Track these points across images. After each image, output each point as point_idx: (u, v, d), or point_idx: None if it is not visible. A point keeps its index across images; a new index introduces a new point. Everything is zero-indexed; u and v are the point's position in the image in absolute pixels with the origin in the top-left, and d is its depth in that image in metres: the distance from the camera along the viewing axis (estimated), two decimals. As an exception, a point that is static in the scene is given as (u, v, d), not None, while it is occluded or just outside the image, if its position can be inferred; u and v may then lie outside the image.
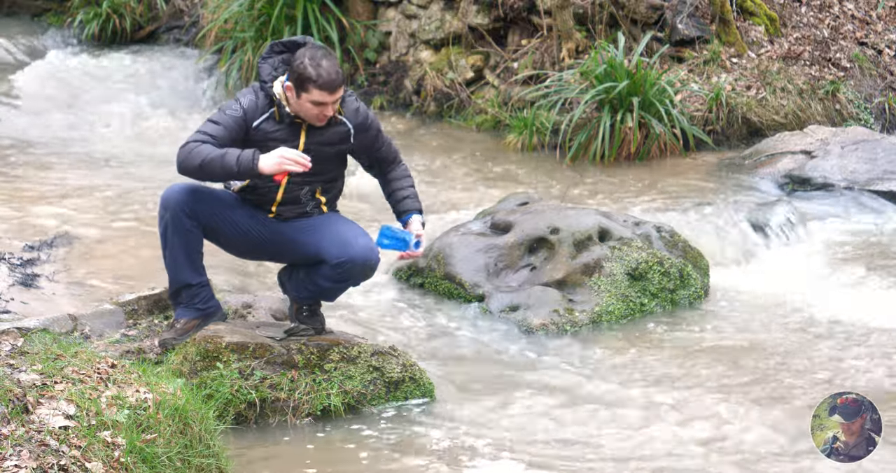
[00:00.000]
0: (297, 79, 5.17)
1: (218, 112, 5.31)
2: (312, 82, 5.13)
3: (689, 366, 6.27)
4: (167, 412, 4.56)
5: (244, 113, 5.26)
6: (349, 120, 5.41)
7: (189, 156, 5.16)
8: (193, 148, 5.17)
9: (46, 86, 11.31)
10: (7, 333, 5.23)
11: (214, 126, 5.24)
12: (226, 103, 5.35)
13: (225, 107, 5.31)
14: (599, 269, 6.99)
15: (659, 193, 8.72)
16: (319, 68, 5.13)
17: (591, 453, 5.29)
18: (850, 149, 9.13)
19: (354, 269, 5.41)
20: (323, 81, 5.13)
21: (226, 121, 5.25)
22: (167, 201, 5.42)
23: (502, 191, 8.76)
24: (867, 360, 6.31)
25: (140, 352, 5.60)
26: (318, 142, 5.37)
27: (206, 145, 5.17)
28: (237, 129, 5.25)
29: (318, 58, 5.15)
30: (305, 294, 5.62)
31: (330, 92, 5.16)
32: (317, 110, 5.21)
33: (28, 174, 8.92)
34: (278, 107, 5.28)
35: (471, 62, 10.81)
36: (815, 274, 7.57)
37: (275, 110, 5.29)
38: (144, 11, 12.50)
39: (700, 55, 10.20)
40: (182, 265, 5.54)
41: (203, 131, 5.24)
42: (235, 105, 5.28)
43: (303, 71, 5.14)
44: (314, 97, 5.16)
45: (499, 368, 6.27)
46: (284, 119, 5.30)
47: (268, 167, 5.13)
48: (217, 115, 5.29)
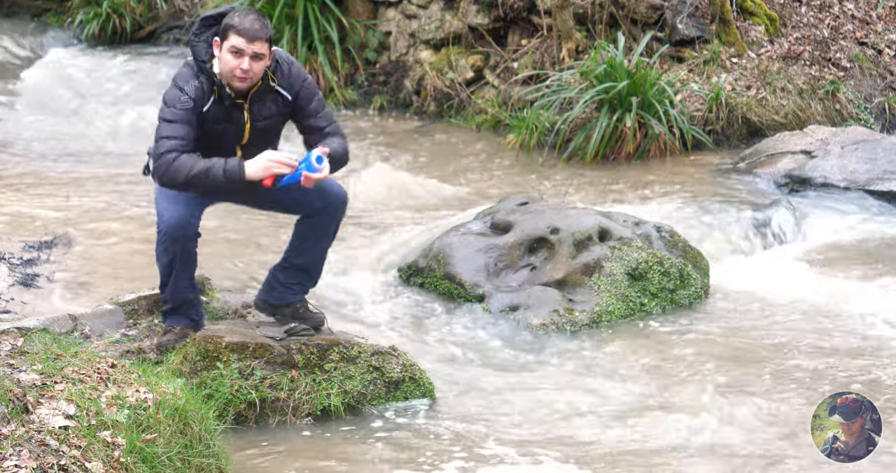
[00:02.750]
0: (223, 29, 5.22)
1: (168, 108, 5.25)
2: (233, 28, 5.17)
3: (690, 366, 6.27)
4: (167, 412, 4.56)
5: (194, 103, 5.24)
6: (284, 88, 5.39)
7: (170, 172, 5.19)
8: (172, 162, 5.18)
9: (46, 86, 11.30)
10: (7, 333, 5.23)
11: (174, 126, 5.22)
12: (170, 94, 5.26)
13: (172, 100, 5.25)
14: (599, 269, 6.99)
15: (659, 193, 8.72)
16: (244, 19, 5.18)
17: (591, 453, 5.29)
18: (850, 149, 9.13)
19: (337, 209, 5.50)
20: (243, 28, 5.16)
21: (182, 116, 5.23)
22: (176, 235, 5.40)
23: (502, 191, 8.76)
24: (868, 359, 6.31)
25: (140, 352, 5.60)
26: (263, 117, 5.39)
27: (184, 157, 5.18)
28: (194, 119, 5.25)
29: (246, 12, 5.22)
30: (293, 288, 5.67)
31: (248, 39, 5.15)
32: (235, 61, 5.18)
33: (28, 174, 8.92)
34: (219, 88, 5.27)
35: (471, 62, 10.80)
36: (816, 274, 7.57)
37: (216, 91, 5.27)
38: (144, 11, 12.49)
39: (700, 55, 10.20)
40: (186, 287, 5.63)
41: (167, 137, 5.22)
42: (184, 96, 5.23)
43: (228, 20, 5.21)
44: (232, 42, 5.17)
45: (499, 368, 6.27)
46: (226, 100, 5.29)
47: (256, 173, 5.19)
48: (170, 113, 5.24)
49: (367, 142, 10.14)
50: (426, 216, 8.28)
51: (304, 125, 5.51)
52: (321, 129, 5.48)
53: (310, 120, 5.48)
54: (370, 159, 9.49)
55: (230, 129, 5.36)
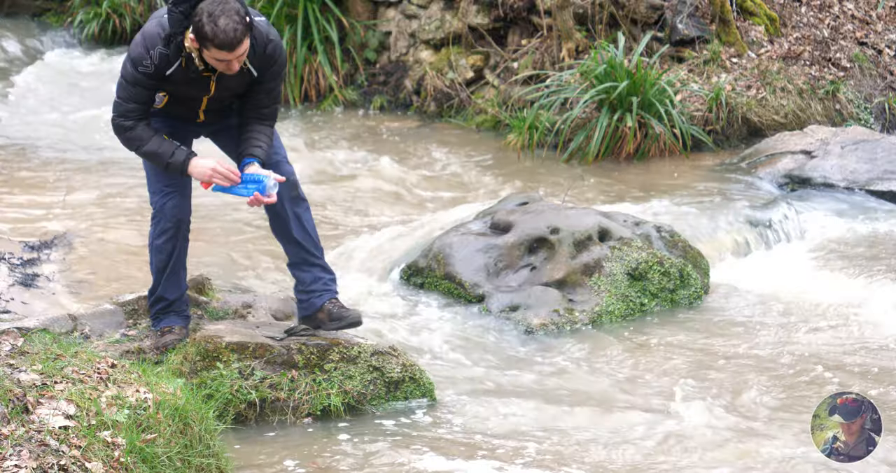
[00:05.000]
0: (197, 35, 5.05)
1: (130, 68, 5.18)
2: (210, 42, 5.01)
3: (690, 366, 6.27)
4: (167, 412, 4.56)
5: (155, 68, 5.16)
6: (254, 67, 5.28)
7: (123, 139, 5.30)
8: (126, 130, 5.25)
9: (46, 86, 11.31)
10: (7, 333, 5.23)
11: (132, 90, 5.19)
12: (134, 52, 5.17)
13: (136, 60, 5.16)
14: (599, 269, 6.99)
15: (659, 193, 8.72)
16: (216, 27, 4.96)
17: (591, 452, 5.29)
18: (850, 149, 9.13)
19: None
20: (220, 41, 4.99)
21: (140, 80, 5.17)
22: (179, 220, 5.46)
23: (502, 191, 8.76)
24: (869, 359, 6.31)
25: (140, 352, 5.60)
26: (227, 88, 5.35)
27: (139, 128, 5.23)
28: (152, 84, 5.21)
29: (216, 14, 4.97)
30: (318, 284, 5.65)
31: (229, 51, 5.04)
32: (222, 65, 5.13)
33: (28, 174, 8.92)
34: (187, 59, 5.18)
35: (471, 62, 10.81)
36: (815, 274, 7.57)
37: (182, 59, 5.18)
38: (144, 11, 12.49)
39: (700, 55, 10.20)
40: (183, 277, 5.66)
41: (124, 99, 5.22)
42: (146, 59, 5.15)
43: (201, 29, 5.00)
44: (215, 55, 5.07)
45: (499, 368, 6.27)
46: (192, 72, 5.22)
47: (197, 176, 5.23)
48: (130, 75, 5.18)
49: (366, 142, 10.14)
50: (426, 216, 8.27)
51: (251, 95, 5.43)
52: (262, 107, 5.42)
53: (260, 95, 5.40)
54: (370, 159, 9.49)
55: (195, 88, 5.32)
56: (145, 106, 5.25)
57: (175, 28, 5.12)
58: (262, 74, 5.32)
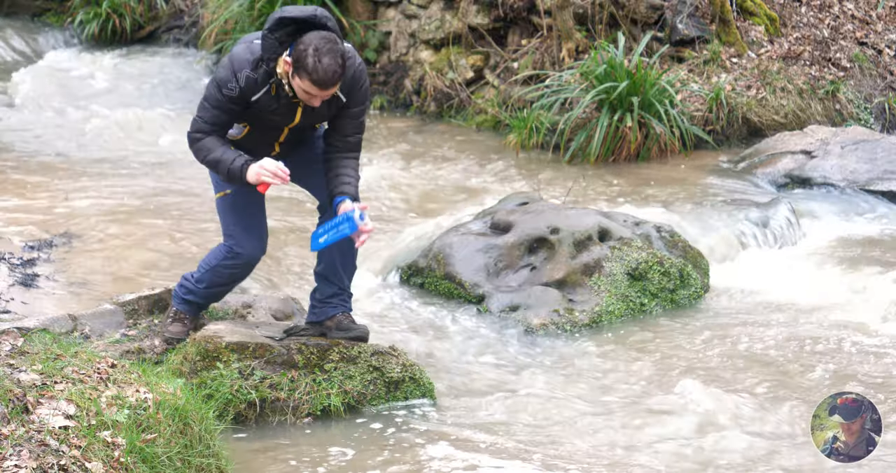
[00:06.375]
0: (296, 63, 5.06)
1: (214, 89, 5.20)
2: (307, 74, 5.02)
3: (690, 366, 6.27)
4: (167, 412, 4.56)
5: (241, 92, 5.17)
6: (343, 92, 5.32)
7: (193, 151, 5.33)
8: (195, 142, 5.28)
9: (46, 86, 11.32)
10: (7, 333, 5.23)
11: (211, 111, 5.23)
12: (221, 74, 5.18)
13: (221, 82, 5.17)
14: (599, 269, 6.99)
15: (659, 193, 8.72)
16: (318, 63, 4.99)
17: (591, 452, 5.29)
18: (850, 149, 9.13)
19: None
20: (317, 78, 5.02)
21: (222, 103, 5.19)
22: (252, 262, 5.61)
23: (502, 191, 8.76)
24: (869, 358, 6.31)
25: (140, 352, 5.60)
26: (315, 115, 5.36)
27: (207, 140, 5.25)
28: (234, 108, 5.23)
29: (323, 52, 4.99)
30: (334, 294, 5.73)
31: (321, 88, 5.07)
32: (306, 96, 5.14)
33: (28, 173, 8.92)
34: (277, 86, 5.21)
35: (471, 62, 10.81)
36: (816, 274, 7.57)
37: (272, 86, 5.21)
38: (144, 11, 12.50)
39: (700, 55, 10.20)
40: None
41: (202, 118, 5.26)
42: (232, 83, 5.16)
43: (303, 60, 5.01)
44: (305, 87, 5.08)
45: (499, 368, 6.27)
46: (282, 99, 5.24)
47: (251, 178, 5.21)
48: (213, 97, 5.21)
49: (366, 142, 10.14)
50: (426, 216, 8.28)
51: (336, 123, 5.47)
52: (347, 135, 5.45)
53: (345, 120, 5.43)
54: (370, 159, 9.49)
55: (279, 115, 5.33)
56: (217, 126, 5.25)
57: (268, 53, 5.13)
58: (350, 99, 5.34)
